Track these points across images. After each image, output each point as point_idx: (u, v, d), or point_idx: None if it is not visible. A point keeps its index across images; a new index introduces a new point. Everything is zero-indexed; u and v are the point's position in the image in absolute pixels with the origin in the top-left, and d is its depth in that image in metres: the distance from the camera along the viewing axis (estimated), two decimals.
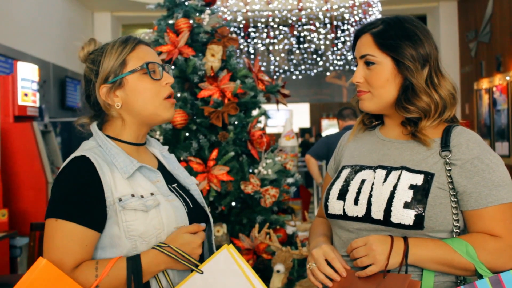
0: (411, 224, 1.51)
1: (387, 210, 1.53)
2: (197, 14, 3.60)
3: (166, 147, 1.81)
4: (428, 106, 1.60)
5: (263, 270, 3.31)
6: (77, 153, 1.55)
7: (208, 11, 3.63)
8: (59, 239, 1.46)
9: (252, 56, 11.79)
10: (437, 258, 1.49)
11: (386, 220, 1.53)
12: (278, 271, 3.03)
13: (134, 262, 1.46)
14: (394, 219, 1.52)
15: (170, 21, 3.57)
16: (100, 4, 10.32)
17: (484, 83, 9.72)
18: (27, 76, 5.55)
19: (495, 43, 9.40)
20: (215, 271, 1.47)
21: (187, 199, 1.66)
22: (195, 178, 1.91)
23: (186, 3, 3.61)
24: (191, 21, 3.52)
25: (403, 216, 1.51)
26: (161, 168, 1.71)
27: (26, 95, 5.48)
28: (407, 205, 1.51)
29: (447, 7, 11.12)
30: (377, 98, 1.65)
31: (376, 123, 1.78)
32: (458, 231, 1.55)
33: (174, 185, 1.68)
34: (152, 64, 1.60)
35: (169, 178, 1.69)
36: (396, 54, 1.60)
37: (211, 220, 1.75)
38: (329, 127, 17.06)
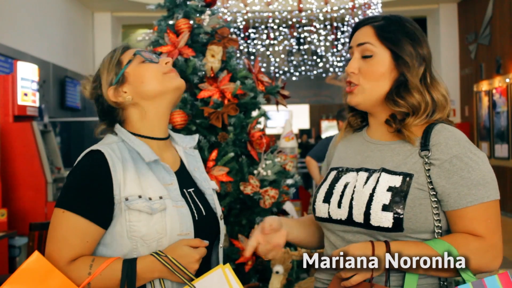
0: (390, 226, 1.49)
1: (367, 213, 1.52)
2: (198, 15, 3.60)
3: (195, 139, 1.80)
4: (418, 104, 1.58)
5: (262, 271, 3.31)
6: (95, 146, 1.57)
7: (208, 11, 3.62)
8: (61, 230, 1.48)
9: (252, 57, 11.80)
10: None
11: (367, 223, 1.52)
12: (277, 272, 3.03)
13: (129, 266, 1.46)
14: (374, 222, 1.51)
15: (170, 22, 3.57)
16: (100, 4, 10.33)
17: (484, 85, 9.73)
18: (27, 76, 5.55)
19: (495, 45, 9.40)
20: None
21: (200, 206, 1.64)
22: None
23: (187, 4, 3.61)
24: (191, 22, 3.52)
25: (382, 219, 1.49)
26: (183, 169, 1.70)
27: (25, 94, 5.48)
28: (385, 208, 1.49)
29: (447, 9, 11.14)
30: (367, 92, 1.62)
31: (362, 124, 1.77)
32: (440, 231, 1.52)
33: (191, 189, 1.67)
34: (144, 52, 1.65)
35: (188, 181, 1.68)
36: (396, 48, 1.59)
37: (222, 230, 1.72)
38: (329, 129, 17.06)
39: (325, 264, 1.59)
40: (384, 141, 1.65)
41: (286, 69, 13.31)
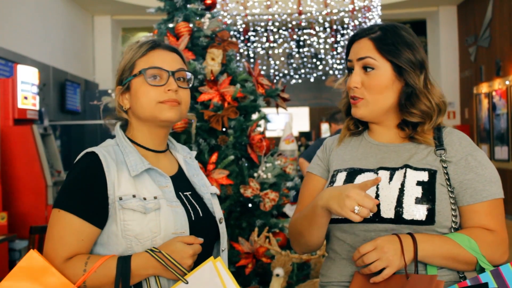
0: (423, 219, 1.53)
1: (398, 208, 1.54)
2: (197, 18, 3.61)
3: (194, 153, 1.82)
4: (429, 109, 1.64)
5: (263, 274, 3.31)
6: (90, 148, 1.59)
7: (208, 15, 3.63)
8: (57, 229, 1.51)
9: (252, 60, 11.81)
10: (444, 253, 1.51)
11: (398, 218, 1.54)
12: (277, 275, 3.03)
13: (124, 263, 1.47)
14: (407, 215, 1.53)
15: (170, 25, 3.58)
16: (100, 7, 10.34)
17: (484, 88, 9.74)
18: (27, 79, 5.56)
19: (495, 47, 9.41)
20: (199, 282, 1.47)
21: (198, 208, 1.65)
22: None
23: (187, 7, 3.62)
24: (191, 25, 3.53)
25: (415, 212, 1.53)
26: (180, 174, 1.72)
27: (26, 98, 5.48)
28: (418, 201, 1.54)
29: (446, 12, 11.15)
30: (372, 105, 1.65)
31: (361, 128, 1.79)
32: (456, 227, 1.58)
33: (188, 192, 1.68)
34: (158, 69, 1.61)
35: (186, 186, 1.69)
36: (397, 59, 1.62)
37: (222, 233, 1.71)
38: (328, 131, 17.06)
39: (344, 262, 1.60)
40: (395, 143, 1.69)
41: (286, 72, 13.31)
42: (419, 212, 1.53)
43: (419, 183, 1.56)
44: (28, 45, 7.65)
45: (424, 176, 1.57)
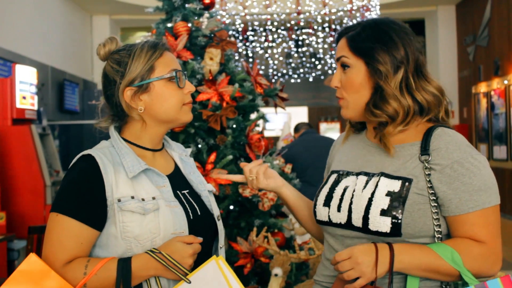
0: (388, 231, 1.49)
1: (365, 218, 1.52)
2: (196, 18, 3.61)
3: (189, 150, 1.83)
4: (395, 112, 1.55)
5: (261, 274, 3.31)
6: (86, 151, 1.58)
7: (206, 14, 3.63)
8: (56, 233, 1.50)
9: (250, 60, 11.80)
10: (423, 265, 1.47)
11: (365, 228, 1.53)
12: (276, 275, 3.02)
13: (124, 265, 1.47)
14: (372, 226, 1.51)
15: (169, 25, 3.58)
16: (99, 7, 10.32)
17: (482, 87, 9.73)
18: (25, 79, 5.55)
19: (493, 47, 9.41)
20: (202, 281, 1.48)
21: (196, 207, 1.66)
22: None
23: (185, 7, 3.61)
24: (189, 25, 3.52)
25: (380, 223, 1.50)
26: (177, 172, 1.71)
27: (24, 98, 5.48)
28: (383, 213, 1.49)
29: (445, 11, 11.14)
30: (352, 104, 1.62)
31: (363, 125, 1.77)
32: (440, 236, 1.52)
33: (186, 191, 1.68)
34: (179, 72, 1.63)
35: (183, 184, 1.70)
36: (368, 58, 1.57)
37: (220, 230, 1.72)
38: (328, 131, 17.04)
39: (326, 267, 1.61)
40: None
41: (284, 71, 13.29)
42: (383, 224, 1.49)
43: (389, 193, 1.51)
44: (26, 45, 7.63)
45: (396, 186, 1.51)
